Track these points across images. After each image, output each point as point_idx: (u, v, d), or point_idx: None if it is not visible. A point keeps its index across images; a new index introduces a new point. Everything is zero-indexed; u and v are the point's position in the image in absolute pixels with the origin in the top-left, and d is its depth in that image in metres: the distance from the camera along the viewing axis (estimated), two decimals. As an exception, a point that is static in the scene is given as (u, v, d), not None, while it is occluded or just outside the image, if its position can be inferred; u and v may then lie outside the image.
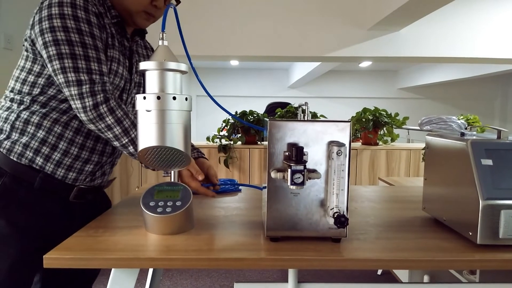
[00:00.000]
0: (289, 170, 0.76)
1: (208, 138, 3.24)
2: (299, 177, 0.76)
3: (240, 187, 1.39)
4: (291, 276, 1.01)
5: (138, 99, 0.83)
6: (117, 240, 0.83)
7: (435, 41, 3.62)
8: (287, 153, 0.80)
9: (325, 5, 3.54)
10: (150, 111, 0.82)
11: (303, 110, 0.85)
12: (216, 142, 3.18)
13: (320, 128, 0.80)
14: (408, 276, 2.06)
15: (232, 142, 3.15)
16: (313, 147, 0.80)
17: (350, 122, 0.80)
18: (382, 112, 3.25)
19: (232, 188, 1.36)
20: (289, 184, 0.76)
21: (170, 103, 0.82)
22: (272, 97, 8.97)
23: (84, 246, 0.79)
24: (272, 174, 0.80)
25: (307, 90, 9.84)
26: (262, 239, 0.84)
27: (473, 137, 0.86)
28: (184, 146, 0.86)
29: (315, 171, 0.80)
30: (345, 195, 0.80)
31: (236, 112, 3.28)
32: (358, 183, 3.22)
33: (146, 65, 0.83)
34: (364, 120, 3.25)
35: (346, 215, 0.79)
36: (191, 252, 0.77)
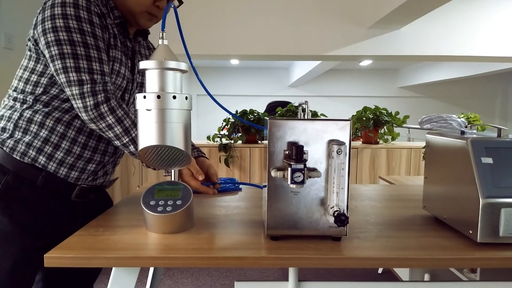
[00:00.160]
0: (289, 169, 0.76)
1: (208, 137, 3.24)
2: (299, 176, 0.76)
3: (240, 186, 1.39)
4: (291, 275, 1.01)
5: (138, 98, 0.83)
6: (118, 239, 0.83)
7: (436, 40, 3.62)
8: (287, 152, 0.80)
9: (325, 3, 3.54)
10: (150, 110, 0.82)
11: (303, 109, 0.85)
12: (217, 141, 3.18)
13: (320, 126, 0.80)
14: (409, 275, 2.06)
15: (232, 141, 3.15)
16: (313, 145, 0.80)
17: (350, 120, 0.80)
18: (382, 111, 3.25)
19: (232, 187, 1.36)
20: (289, 182, 0.76)
21: (170, 102, 0.82)
22: (272, 96, 8.98)
23: (85, 245, 0.79)
24: (272, 173, 0.80)
25: (308, 89, 9.84)
26: (263, 237, 0.84)
27: (473, 136, 0.86)
28: (184, 145, 0.86)
29: (315, 169, 0.80)
30: (345, 194, 0.80)
31: (237, 111, 3.28)
32: (358, 182, 3.22)
33: (146, 64, 0.83)
34: (364, 119, 3.25)
35: (346, 213, 0.79)
36: (191, 251, 0.77)
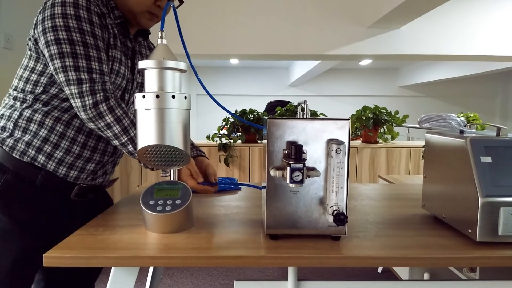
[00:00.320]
0: (288, 168, 0.76)
1: (208, 137, 3.24)
2: (298, 175, 0.76)
3: (239, 186, 1.39)
4: (290, 274, 1.01)
5: (137, 97, 0.83)
6: (117, 238, 0.83)
7: (436, 39, 3.62)
8: (286, 151, 0.80)
9: (325, 3, 3.54)
10: (149, 109, 0.82)
11: (303, 108, 0.85)
12: (216, 140, 3.18)
13: (319, 126, 0.80)
14: (408, 274, 2.07)
15: (232, 141, 3.15)
16: (312, 145, 0.80)
17: (349, 120, 0.80)
18: (382, 110, 3.25)
19: (232, 187, 1.36)
20: (288, 182, 0.76)
21: (169, 102, 0.82)
22: (272, 95, 8.98)
23: (84, 245, 0.79)
24: (271, 172, 0.80)
25: (308, 88, 9.84)
26: (262, 237, 0.84)
27: (472, 135, 0.86)
28: (183, 145, 0.86)
29: (314, 169, 0.80)
30: (345, 193, 0.80)
31: (236, 111, 3.28)
32: (358, 181, 3.22)
33: (145, 63, 0.83)
34: (364, 118, 3.25)
35: (345, 213, 0.79)
36: (191, 251, 0.77)
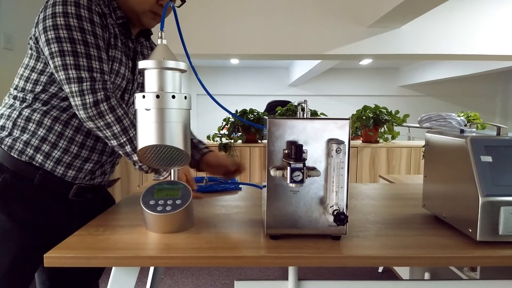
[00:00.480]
0: (289, 168, 0.76)
1: (208, 137, 3.24)
2: (298, 175, 0.76)
3: (240, 186, 1.39)
4: (291, 274, 1.01)
5: (138, 97, 0.83)
6: (118, 238, 0.83)
7: (436, 38, 3.62)
8: (286, 151, 0.80)
9: (325, 2, 3.54)
10: (149, 109, 0.82)
11: (303, 108, 0.85)
12: (217, 140, 3.18)
13: (319, 125, 0.80)
14: (409, 274, 2.07)
15: (232, 141, 3.15)
16: (313, 144, 0.80)
17: (349, 119, 0.80)
18: (382, 110, 3.25)
19: (232, 187, 1.37)
20: (288, 182, 0.76)
21: (169, 102, 0.82)
22: (272, 95, 8.98)
23: (84, 245, 0.79)
24: (271, 172, 0.80)
25: (308, 88, 9.83)
26: (262, 237, 0.84)
27: (473, 134, 0.86)
28: (183, 145, 0.86)
29: (314, 169, 0.80)
30: (345, 193, 0.80)
31: (237, 111, 3.28)
32: (358, 181, 3.22)
33: (145, 64, 0.83)
34: (364, 117, 3.24)
35: (345, 212, 0.79)
36: (191, 251, 0.77)
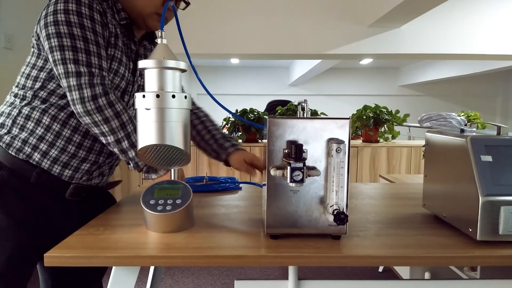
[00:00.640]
0: (289, 167, 0.76)
1: (208, 137, 3.23)
2: (298, 175, 0.76)
3: (240, 185, 1.40)
4: (291, 273, 1.01)
5: (138, 97, 0.83)
6: (118, 238, 0.83)
7: (436, 38, 3.61)
8: (286, 151, 0.80)
9: (325, 2, 3.54)
10: (149, 109, 0.82)
11: (303, 108, 0.85)
12: (217, 140, 3.18)
13: (320, 125, 0.80)
14: (409, 273, 2.07)
15: (232, 140, 3.14)
16: (313, 144, 0.80)
17: (349, 119, 0.80)
18: (383, 110, 3.25)
19: (232, 186, 1.37)
20: (288, 181, 0.76)
21: (169, 101, 0.82)
22: (272, 95, 8.98)
23: (85, 244, 0.79)
24: (271, 172, 0.80)
25: (308, 87, 9.83)
26: (262, 236, 0.84)
27: (473, 134, 0.86)
28: (183, 144, 0.86)
29: (314, 168, 0.80)
30: (345, 192, 0.80)
31: (237, 111, 3.28)
32: (359, 181, 3.22)
33: (145, 63, 0.83)
34: (365, 117, 3.24)
35: (345, 212, 0.79)
36: (191, 250, 0.77)
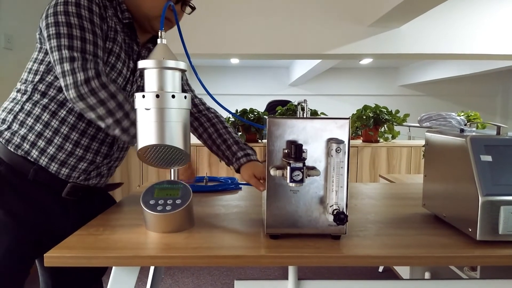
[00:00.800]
0: (288, 167, 0.76)
1: (208, 137, 3.24)
2: (298, 175, 0.76)
3: (240, 185, 1.40)
4: (291, 273, 1.01)
5: (137, 97, 0.83)
6: (118, 238, 0.84)
7: (436, 38, 3.61)
8: (286, 151, 0.80)
9: (325, 2, 3.53)
10: (149, 109, 0.82)
11: (303, 108, 0.85)
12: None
13: (319, 125, 0.80)
14: (409, 273, 2.07)
15: (232, 140, 3.15)
16: (312, 144, 0.80)
17: (349, 119, 0.80)
18: (382, 109, 3.25)
19: (232, 187, 1.37)
20: (288, 181, 0.76)
21: (169, 101, 0.82)
22: (272, 95, 8.97)
23: (85, 245, 0.79)
24: (271, 172, 0.80)
25: (308, 87, 9.83)
26: (262, 236, 0.84)
27: (473, 134, 0.86)
28: (183, 144, 0.86)
29: (314, 168, 0.80)
30: (345, 192, 0.80)
31: (237, 111, 3.28)
32: (359, 181, 3.22)
33: (145, 63, 0.83)
34: (364, 117, 3.24)
35: (345, 212, 0.79)
36: (191, 250, 0.77)
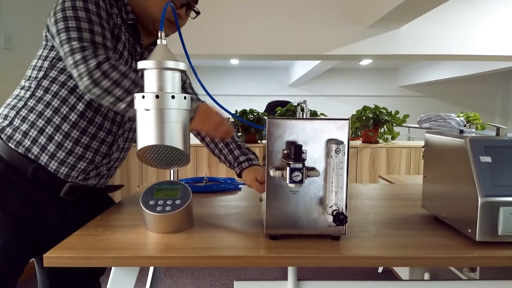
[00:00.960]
0: (288, 168, 0.76)
1: (208, 137, 3.24)
2: (298, 175, 0.76)
3: (240, 186, 1.40)
4: (290, 274, 1.01)
5: (137, 98, 0.83)
6: (117, 238, 0.84)
7: (436, 39, 3.61)
8: (286, 151, 0.80)
9: (325, 3, 3.54)
10: (149, 110, 0.82)
11: (302, 108, 0.85)
12: (217, 141, 3.18)
13: (319, 126, 0.80)
14: (409, 274, 2.07)
15: (232, 141, 3.14)
16: (312, 145, 0.80)
17: (349, 120, 0.80)
18: (382, 110, 3.25)
19: (232, 187, 1.37)
20: (288, 182, 0.76)
21: (168, 102, 0.82)
22: (272, 95, 8.97)
23: (84, 245, 0.79)
24: (271, 172, 0.80)
25: (308, 88, 9.83)
26: (262, 237, 0.84)
27: (472, 134, 0.86)
28: (183, 145, 0.86)
29: (314, 169, 0.80)
30: (344, 193, 0.80)
31: (236, 111, 3.28)
32: (358, 181, 3.22)
33: (145, 64, 0.83)
34: (364, 118, 3.25)
35: (345, 212, 0.79)
36: (190, 251, 0.77)
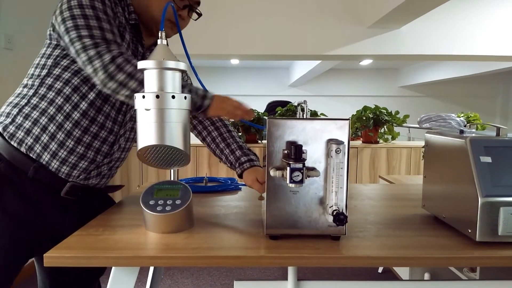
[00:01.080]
0: (288, 168, 0.76)
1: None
2: (298, 175, 0.76)
3: (240, 186, 1.40)
4: (290, 274, 1.01)
5: (137, 97, 0.83)
6: (118, 238, 0.84)
7: (436, 39, 3.61)
8: (286, 151, 0.80)
9: (325, 3, 3.54)
10: (149, 110, 0.82)
11: (302, 108, 0.85)
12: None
13: (319, 126, 0.80)
14: (409, 274, 2.07)
15: (232, 141, 3.15)
16: (312, 145, 0.80)
17: (349, 120, 0.80)
18: (382, 110, 3.25)
19: (232, 187, 1.37)
20: (288, 182, 0.76)
21: (169, 102, 0.83)
22: (272, 95, 8.97)
23: (84, 245, 0.79)
24: (271, 172, 0.80)
25: (308, 88, 9.83)
26: (262, 237, 0.84)
27: (472, 135, 0.86)
28: (183, 145, 0.86)
29: (314, 169, 0.80)
30: (344, 193, 0.80)
31: (237, 111, 3.27)
32: (358, 181, 3.22)
33: (145, 64, 0.83)
34: (364, 118, 3.25)
35: (345, 213, 0.79)
36: (190, 251, 0.77)
